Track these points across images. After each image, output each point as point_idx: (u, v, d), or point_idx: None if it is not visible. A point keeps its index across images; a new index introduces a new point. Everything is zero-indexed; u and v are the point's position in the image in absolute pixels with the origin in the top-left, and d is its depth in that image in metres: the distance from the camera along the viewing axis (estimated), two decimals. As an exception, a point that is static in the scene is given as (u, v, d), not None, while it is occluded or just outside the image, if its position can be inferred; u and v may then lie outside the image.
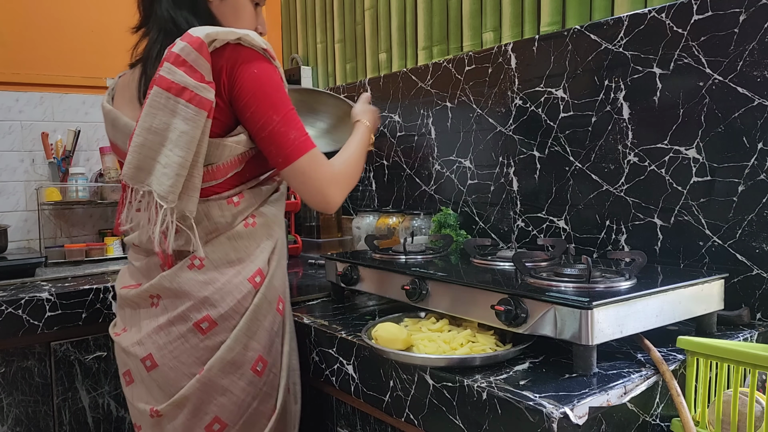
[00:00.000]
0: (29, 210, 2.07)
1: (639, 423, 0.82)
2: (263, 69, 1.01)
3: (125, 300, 1.11)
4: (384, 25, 2.00)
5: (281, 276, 1.14)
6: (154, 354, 1.03)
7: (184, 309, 1.02)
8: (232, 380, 1.04)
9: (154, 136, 0.98)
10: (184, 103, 0.96)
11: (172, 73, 0.97)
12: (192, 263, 1.04)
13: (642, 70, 1.23)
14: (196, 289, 1.03)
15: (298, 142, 1.02)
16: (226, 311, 1.03)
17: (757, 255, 1.09)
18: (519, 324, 0.90)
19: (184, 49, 0.97)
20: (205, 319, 1.02)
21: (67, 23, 2.14)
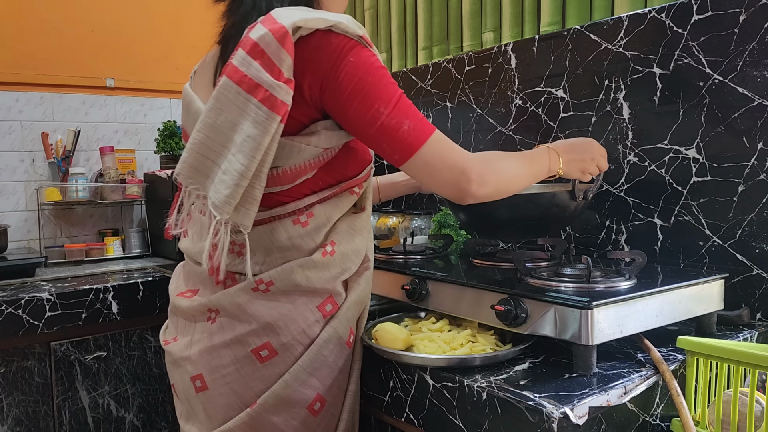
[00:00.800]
0: (29, 210, 2.07)
1: (639, 423, 0.82)
2: (362, 58, 0.86)
3: (179, 309, 0.99)
4: (384, 25, 2.00)
5: (361, 306, 1.00)
6: (206, 376, 0.93)
7: (244, 333, 0.91)
8: (284, 419, 0.92)
9: (217, 135, 0.85)
10: (256, 103, 0.82)
11: (246, 65, 0.83)
12: (257, 286, 0.91)
13: (642, 70, 1.23)
14: (260, 312, 0.91)
15: (415, 131, 0.87)
16: (288, 340, 0.91)
17: (757, 255, 1.09)
18: (519, 324, 0.90)
19: (264, 38, 0.82)
20: (266, 347, 0.91)
21: (67, 23, 2.14)
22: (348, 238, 0.97)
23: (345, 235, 0.97)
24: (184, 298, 0.98)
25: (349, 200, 0.98)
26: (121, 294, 1.53)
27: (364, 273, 1.00)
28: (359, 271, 1.00)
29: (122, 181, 2.06)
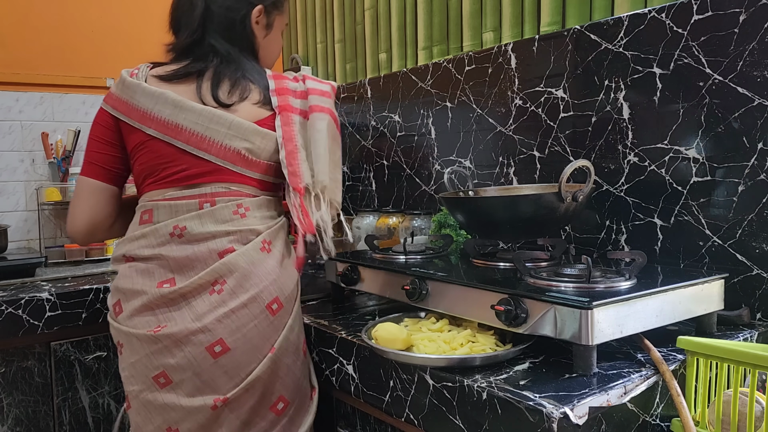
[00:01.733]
0: (29, 210, 2.07)
1: (639, 423, 0.83)
2: None
3: (164, 297, 1.06)
4: (384, 25, 2.00)
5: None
6: (226, 338, 1.03)
7: (258, 291, 1.06)
8: (293, 359, 1.10)
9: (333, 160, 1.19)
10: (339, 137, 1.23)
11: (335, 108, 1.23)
12: (263, 246, 1.11)
13: (642, 70, 1.23)
14: (268, 270, 1.09)
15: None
16: (288, 294, 1.10)
17: (757, 255, 1.09)
18: (519, 324, 0.90)
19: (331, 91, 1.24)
20: (275, 301, 1.08)
21: (67, 23, 2.14)
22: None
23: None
24: (171, 286, 1.07)
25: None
26: (121, 294, 1.53)
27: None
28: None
29: (122, 181, 2.06)
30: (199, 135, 1.11)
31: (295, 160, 1.14)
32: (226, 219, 1.10)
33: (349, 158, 2.13)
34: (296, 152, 1.14)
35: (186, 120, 1.11)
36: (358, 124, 2.06)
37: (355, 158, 2.10)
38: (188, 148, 1.11)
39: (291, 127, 1.16)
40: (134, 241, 1.11)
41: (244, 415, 1.04)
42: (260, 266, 1.08)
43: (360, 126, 2.06)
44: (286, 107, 1.17)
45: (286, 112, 1.16)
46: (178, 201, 1.11)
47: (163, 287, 1.06)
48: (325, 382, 1.15)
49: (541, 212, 1.10)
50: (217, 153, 1.11)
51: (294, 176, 1.13)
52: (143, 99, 1.13)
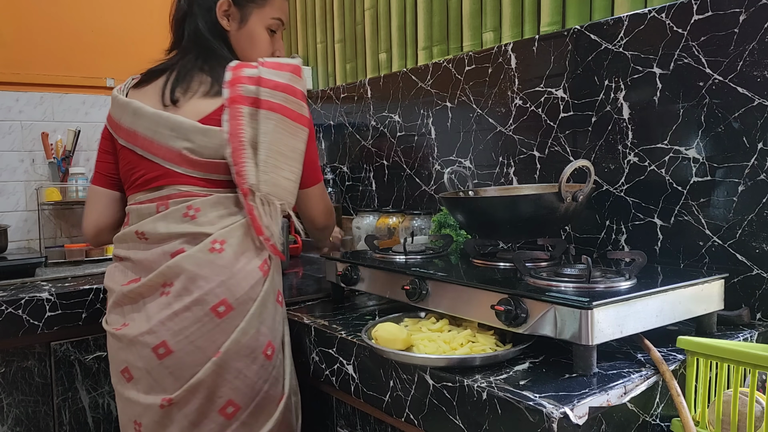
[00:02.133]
0: (29, 210, 2.07)
1: (639, 423, 0.83)
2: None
3: (126, 296, 1.11)
4: (384, 25, 2.00)
5: (278, 270, 1.19)
6: (169, 341, 1.04)
7: (202, 293, 1.05)
8: (245, 363, 1.07)
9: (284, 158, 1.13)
10: (301, 128, 1.14)
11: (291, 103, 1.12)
12: (213, 247, 1.08)
13: (642, 70, 1.23)
14: (216, 272, 1.06)
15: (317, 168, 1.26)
16: (240, 296, 1.07)
17: (757, 255, 1.09)
18: (519, 324, 0.90)
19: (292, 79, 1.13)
20: (222, 303, 1.05)
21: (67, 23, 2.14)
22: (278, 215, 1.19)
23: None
24: (133, 284, 1.10)
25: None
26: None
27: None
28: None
29: (122, 181, 2.06)
30: (149, 139, 1.13)
31: (240, 159, 1.09)
32: (178, 221, 1.10)
33: (349, 158, 2.13)
34: (241, 150, 1.09)
35: (141, 126, 1.14)
36: (358, 124, 2.06)
37: (355, 158, 2.10)
38: (144, 153, 1.14)
39: (238, 121, 1.10)
40: (118, 243, 1.18)
41: (192, 416, 1.06)
42: (207, 268, 1.06)
43: (360, 126, 2.06)
44: (236, 98, 1.11)
45: (234, 105, 1.10)
46: (141, 205, 1.14)
47: (129, 285, 1.11)
48: (325, 382, 1.15)
49: (541, 212, 1.10)
50: (164, 156, 1.12)
51: (239, 176, 1.09)
52: (116, 110, 1.20)
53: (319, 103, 2.28)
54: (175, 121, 1.12)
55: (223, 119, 1.11)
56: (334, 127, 2.21)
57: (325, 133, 2.26)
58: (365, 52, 2.09)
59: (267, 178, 1.10)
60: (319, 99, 2.28)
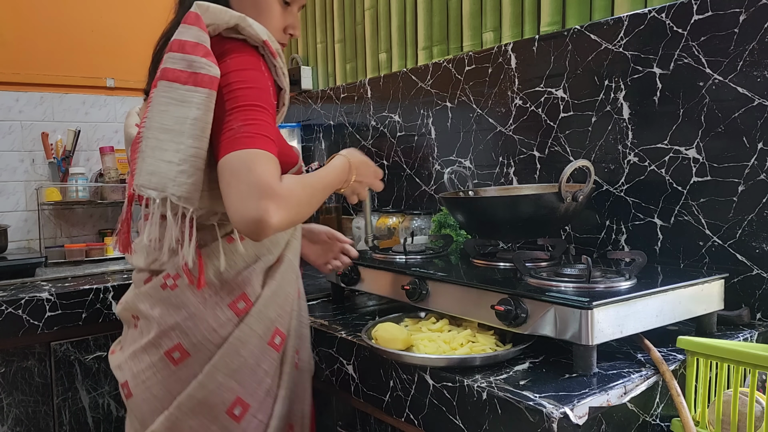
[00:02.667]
0: (29, 210, 2.07)
1: (639, 423, 0.82)
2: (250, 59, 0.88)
3: (120, 315, 1.04)
4: (384, 25, 2.00)
5: (282, 303, 0.97)
6: (130, 382, 0.94)
7: (155, 335, 0.91)
8: (201, 422, 0.90)
9: (166, 134, 0.84)
10: (194, 89, 0.83)
11: (177, 61, 0.85)
12: (165, 282, 0.91)
13: (642, 70, 1.23)
14: (167, 312, 0.90)
15: (242, 134, 0.80)
16: (199, 340, 0.90)
17: (757, 255, 1.09)
18: (519, 324, 0.90)
19: (182, 32, 0.86)
20: (177, 348, 0.90)
21: (67, 23, 2.14)
22: None
23: None
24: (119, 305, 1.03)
25: None
26: (121, 294, 1.51)
27: (278, 267, 0.97)
28: (277, 265, 0.97)
29: (122, 181, 2.06)
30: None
31: (135, 153, 0.88)
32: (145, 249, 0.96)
33: (349, 158, 2.13)
34: (138, 141, 0.87)
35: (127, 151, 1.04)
36: (358, 124, 2.06)
37: (355, 158, 2.10)
38: None
39: (148, 104, 0.89)
40: None
41: None
42: (159, 306, 0.91)
43: (360, 126, 2.06)
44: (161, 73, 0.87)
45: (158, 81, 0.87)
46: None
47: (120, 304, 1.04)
48: (325, 382, 1.15)
49: (541, 212, 1.10)
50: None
51: (132, 175, 0.88)
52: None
53: (319, 103, 2.28)
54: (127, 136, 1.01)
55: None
56: (334, 127, 2.20)
57: (325, 133, 2.26)
58: (365, 52, 2.09)
59: (144, 166, 0.85)
60: (319, 99, 2.28)
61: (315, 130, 2.32)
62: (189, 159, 0.83)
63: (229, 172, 0.79)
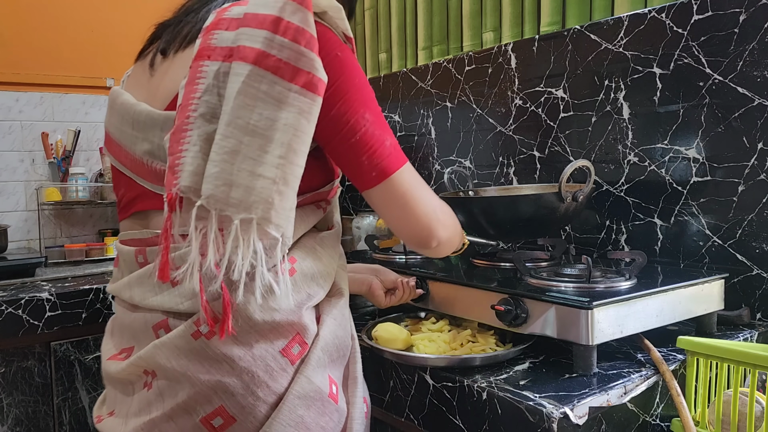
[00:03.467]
0: (29, 210, 2.06)
1: (639, 423, 0.82)
2: (348, 56, 0.74)
3: (111, 377, 0.79)
4: (384, 25, 2.00)
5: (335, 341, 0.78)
6: None
7: (188, 398, 0.70)
8: None
9: (254, 138, 0.66)
10: (299, 90, 0.66)
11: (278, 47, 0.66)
12: (198, 329, 0.70)
13: (642, 70, 1.23)
14: (204, 368, 0.70)
15: (396, 150, 0.76)
16: (248, 401, 0.70)
17: (757, 255, 1.09)
18: (519, 324, 0.90)
19: (285, 8, 0.67)
20: (219, 413, 0.70)
21: (67, 23, 2.14)
22: (312, 254, 0.78)
23: (309, 251, 0.78)
24: (115, 362, 0.78)
25: (315, 215, 0.81)
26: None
27: (337, 302, 0.81)
28: (331, 299, 0.80)
29: (122, 181, 2.06)
30: (116, 143, 0.81)
31: (179, 143, 0.68)
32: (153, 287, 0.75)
33: (349, 158, 2.13)
34: (185, 129, 0.68)
35: (111, 125, 0.82)
36: (358, 124, 2.06)
37: (355, 158, 2.10)
38: (117, 164, 0.82)
39: (195, 86, 0.69)
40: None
41: None
42: (190, 360, 0.70)
43: (360, 126, 2.06)
44: (203, 52, 0.70)
45: (199, 61, 0.70)
46: (124, 247, 0.81)
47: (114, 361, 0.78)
48: (325, 382, 1.15)
49: (541, 212, 1.10)
50: (131, 167, 0.79)
51: (171, 172, 0.68)
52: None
53: (319, 103, 2.28)
54: (135, 112, 0.77)
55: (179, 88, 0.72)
56: (334, 127, 2.20)
57: (325, 133, 2.26)
58: (365, 51, 2.09)
59: (217, 173, 0.65)
60: (319, 99, 2.28)
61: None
62: (291, 179, 0.67)
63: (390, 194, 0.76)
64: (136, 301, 0.76)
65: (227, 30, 0.70)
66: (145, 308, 0.75)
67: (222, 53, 0.69)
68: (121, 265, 0.81)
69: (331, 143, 0.74)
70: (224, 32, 0.70)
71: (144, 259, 0.77)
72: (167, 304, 0.72)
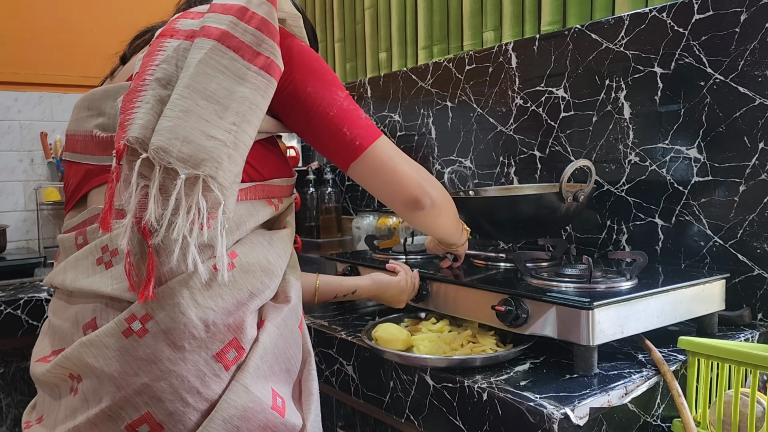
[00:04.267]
0: (28, 210, 2.06)
1: (640, 424, 0.82)
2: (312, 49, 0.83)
3: (38, 380, 0.75)
4: (384, 24, 2.00)
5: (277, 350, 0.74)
6: None
7: (113, 403, 0.66)
8: None
9: (210, 103, 0.68)
10: (256, 70, 0.71)
11: (241, 31, 0.71)
12: (129, 326, 0.66)
13: (643, 69, 1.23)
14: (132, 370, 0.65)
15: (372, 123, 0.82)
16: (176, 407, 0.65)
17: (759, 255, 1.08)
18: (519, 324, 0.89)
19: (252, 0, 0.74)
20: (145, 421, 0.65)
21: (67, 23, 2.14)
22: (256, 250, 0.74)
23: (253, 246, 0.74)
24: (42, 363, 0.74)
25: (266, 211, 0.78)
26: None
27: (282, 308, 0.75)
28: (276, 304, 0.76)
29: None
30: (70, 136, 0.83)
31: (132, 102, 0.69)
32: (88, 269, 0.72)
33: (349, 158, 2.13)
34: (140, 90, 0.69)
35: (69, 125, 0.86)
36: (358, 124, 2.06)
37: (355, 158, 2.09)
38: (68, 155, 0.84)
39: (153, 57, 0.72)
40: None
41: None
42: (119, 361, 0.66)
43: (360, 126, 2.05)
44: (166, 33, 0.75)
45: (160, 39, 0.74)
46: (63, 235, 0.80)
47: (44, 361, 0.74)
48: (325, 382, 1.15)
49: (541, 212, 1.10)
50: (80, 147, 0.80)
51: (121, 128, 0.68)
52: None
53: (318, 102, 2.27)
54: (91, 93, 0.82)
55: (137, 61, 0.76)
56: (333, 127, 2.20)
57: (324, 132, 2.26)
58: (365, 51, 2.09)
59: (170, 127, 0.66)
60: (318, 99, 2.27)
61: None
62: (241, 146, 0.69)
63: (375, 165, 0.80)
64: (67, 285, 0.73)
65: (192, 19, 0.76)
66: (78, 296, 0.72)
67: (185, 33, 0.74)
68: (61, 256, 0.80)
69: (311, 123, 0.78)
70: (189, 20, 0.76)
71: (84, 240, 0.75)
72: (97, 286, 0.69)
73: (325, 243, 2.15)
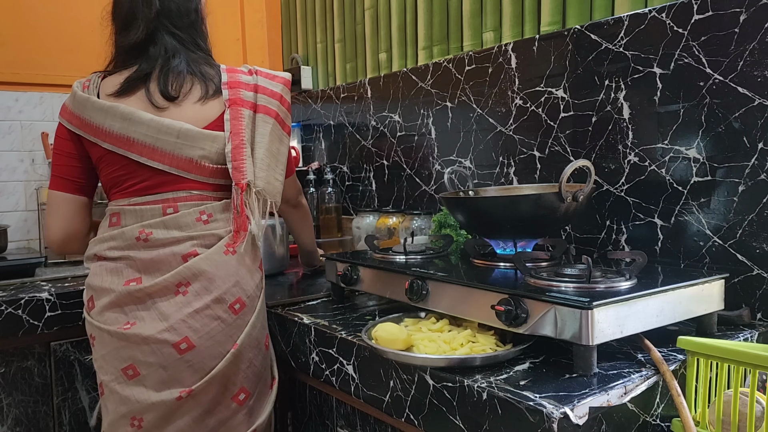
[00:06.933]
0: (29, 210, 2.06)
1: (639, 423, 0.82)
2: None
3: (130, 295, 1.11)
4: (384, 24, 2.00)
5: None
6: (191, 336, 1.09)
7: (221, 292, 1.11)
8: (255, 353, 1.16)
9: (274, 159, 1.21)
10: (286, 135, 1.26)
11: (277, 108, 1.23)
12: (227, 249, 1.14)
13: (642, 69, 1.23)
14: (231, 273, 1.13)
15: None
16: (251, 293, 1.15)
17: (758, 255, 1.09)
18: (519, 324, 0.90)
19: (284, 89, 1.25)
20: (238, 301, 1.13)
21: (67, 23, 2.14)
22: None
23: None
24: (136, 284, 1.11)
25: None
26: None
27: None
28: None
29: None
30: (150, 147, 1.14)
31: (240, 155, 1.15)
32: (189, 225, 1.14)
33: (349, 158, 2.13)
34: (242, 147, 1.16)
35: (136, 132, 1.14)
36: (358, 124, 2.06)
37: (355, 158, 2.10)
38: (142, 159, 1.14)
39: (240, 122, 1.17)
40: (103, 242, 1.16)
41: (206, 404, 1.10)
42: (223, 269, 1.12)
43: (360, 126, 2.06)
44: (237, 101, 1.18)
45: (235, 106, 1.17)
46: (143, 206, 1.15)
47: (130, 285, 1.11)
48: (325, 382, 1.15)
49: (541, 212, 1.10)
50: (170, 163, 1.14)
51: (238, 171, 1.14)
52: (94, 114, 1.16)
53: (319, 102, 2.28)
54: (181, 129, 1.14)
55: (225, 119, 1.17)
56: (334, 127, 2.20)
57: (325, 133, 2.26)
58: (365, 51, 2.09)
59: (263, 176, 1.17)
60: (319, 99, 2.28)
61: (315, 130, 2.32)
62: (282, 182, 1.25)
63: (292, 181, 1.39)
64: (173, 234, 1.13)
65: (246, 90, 1.21)
66: (173, 243, 1.12)
67: (248, 105, 1.20)
68: (128, 220, 1.16)
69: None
70: (246, 91, 1.21)
71: (174, 210, 1.15)
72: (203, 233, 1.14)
73: (325, 243, 2.15)
